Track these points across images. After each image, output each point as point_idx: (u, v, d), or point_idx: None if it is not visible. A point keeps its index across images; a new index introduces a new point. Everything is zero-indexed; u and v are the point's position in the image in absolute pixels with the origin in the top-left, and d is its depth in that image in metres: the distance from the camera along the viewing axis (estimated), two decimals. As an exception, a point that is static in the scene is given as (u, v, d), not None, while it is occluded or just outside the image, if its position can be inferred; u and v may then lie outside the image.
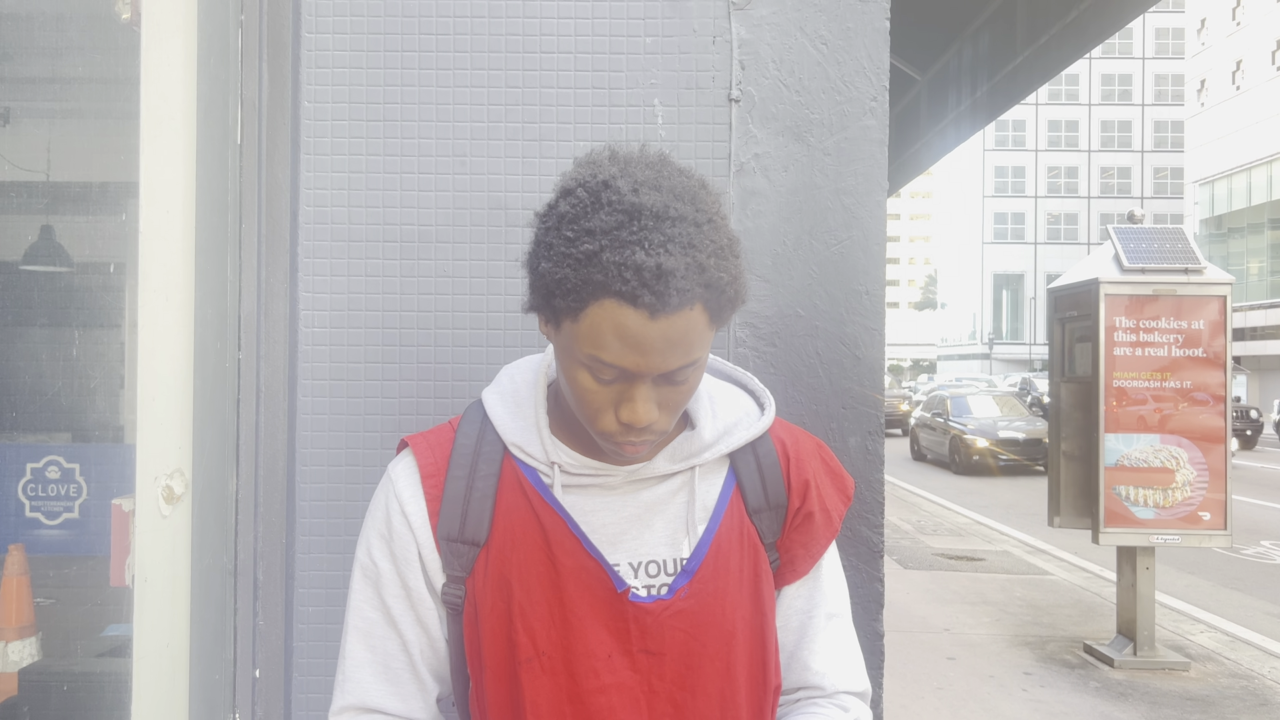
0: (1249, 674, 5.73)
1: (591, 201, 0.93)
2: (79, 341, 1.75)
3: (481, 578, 1.07)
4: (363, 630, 1.10)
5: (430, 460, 1.10)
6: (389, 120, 1.64)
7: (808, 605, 1.18)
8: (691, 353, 0.94)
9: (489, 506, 1.08)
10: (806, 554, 1.16)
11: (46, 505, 1.73)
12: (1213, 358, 5.89)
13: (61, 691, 1.72)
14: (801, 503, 1.14)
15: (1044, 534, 10.13)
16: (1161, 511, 5.83)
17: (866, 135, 1.66)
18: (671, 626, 1.05)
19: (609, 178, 0.94)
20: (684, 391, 0.99)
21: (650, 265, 0.88)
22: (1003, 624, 6.77)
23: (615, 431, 0.99)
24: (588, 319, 0.92)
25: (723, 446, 1.12)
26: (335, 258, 1.63)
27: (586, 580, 1.05)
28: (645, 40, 1.64)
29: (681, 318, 0.92)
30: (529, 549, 1.06)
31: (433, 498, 1.08)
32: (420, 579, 1.09)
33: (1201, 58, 40.49)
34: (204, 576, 1.56)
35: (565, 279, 0.92)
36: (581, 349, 0.95)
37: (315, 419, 1.63)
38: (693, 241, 0.91)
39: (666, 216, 0.91)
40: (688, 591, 1.06)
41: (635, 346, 0.92)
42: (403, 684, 1.10)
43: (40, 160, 1.80)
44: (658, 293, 0.89)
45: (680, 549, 1.09)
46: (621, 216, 0.91)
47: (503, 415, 1.11)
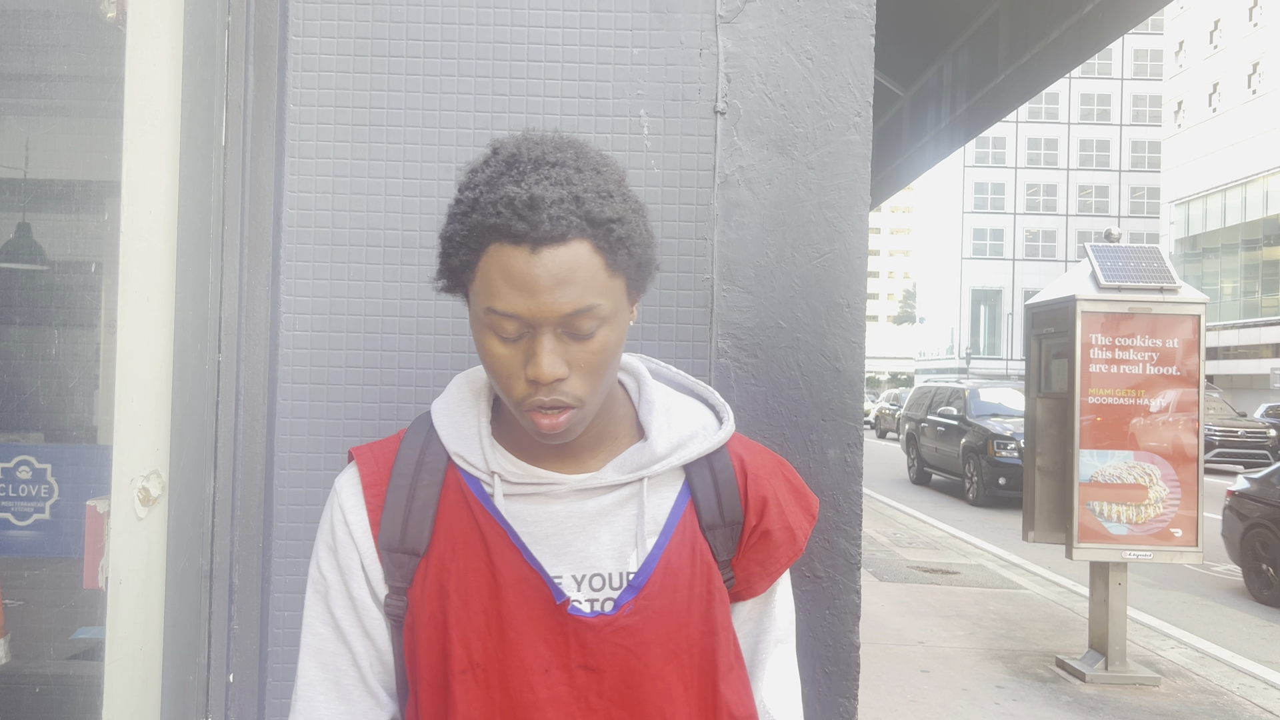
0: (1218, 690, 5.79)
1: (481, 165, 0.98)
2: (55, 341, 1.74)
3: (421, 588, 1.05)
4: (314, 647, 1.08)
5: (373, 470, 1.09)
6: (374, 125, 1.64)
7: (757, 628, 1.16)
8: (586, 296, 0.93)
9: (430, 516, 1.06)
10: (764, 573, 1.13)
11: (16, 506, 1.71)
12: (1186, 376, 5.95)
13: (33, 694, 1.70)
14: (759, 520, 1.11)
15: (1018, 548, 10.19)
16: (1134, 527, 5.88)
17: (850, 150, 1.67)
18: (613, 643, 1.02)
19: (498, 146, 0.99)
20: (593, 351, 0.96)
21: (522, 195, 0.91)
22: (976, 637, 6.80)
23: (526, 394, 0.96)
24: (480, 272, 0.94)
25: (676, 459, 1.09)
26: (318, 261, 1.63)
27: (526, 592, 1.02)
28: (632, 51, 1.65)
29: (566, 251, 0.92)
30: (469, 559, 1.04)
31: (374, 507, 1.07)
32: (365, 589, 1.07)
33: (1179, 79, 41.02)
34: (179, 579, 1.55)
35: (455, 233, 0.95)
36: (480, 306, 0.95)
37: (295, 423, 1.62)
38: (569, 179, 0.94)
39: (544, 161, 0.95)
40: (632, 608, 1.03)
41: (523, 286, 0.91)
42: (354, 701, 1.07)
43: (20, 157, 1.78)
44: (532, 221, 0.90)
45: (627, 563, 1.05)
46: (501, 166, 0.95)
47: (446, 424, 1.09)
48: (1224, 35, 37.92)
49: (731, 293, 1.66)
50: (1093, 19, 4.81)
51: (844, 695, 1.65)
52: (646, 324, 1.64)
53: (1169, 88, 42.20)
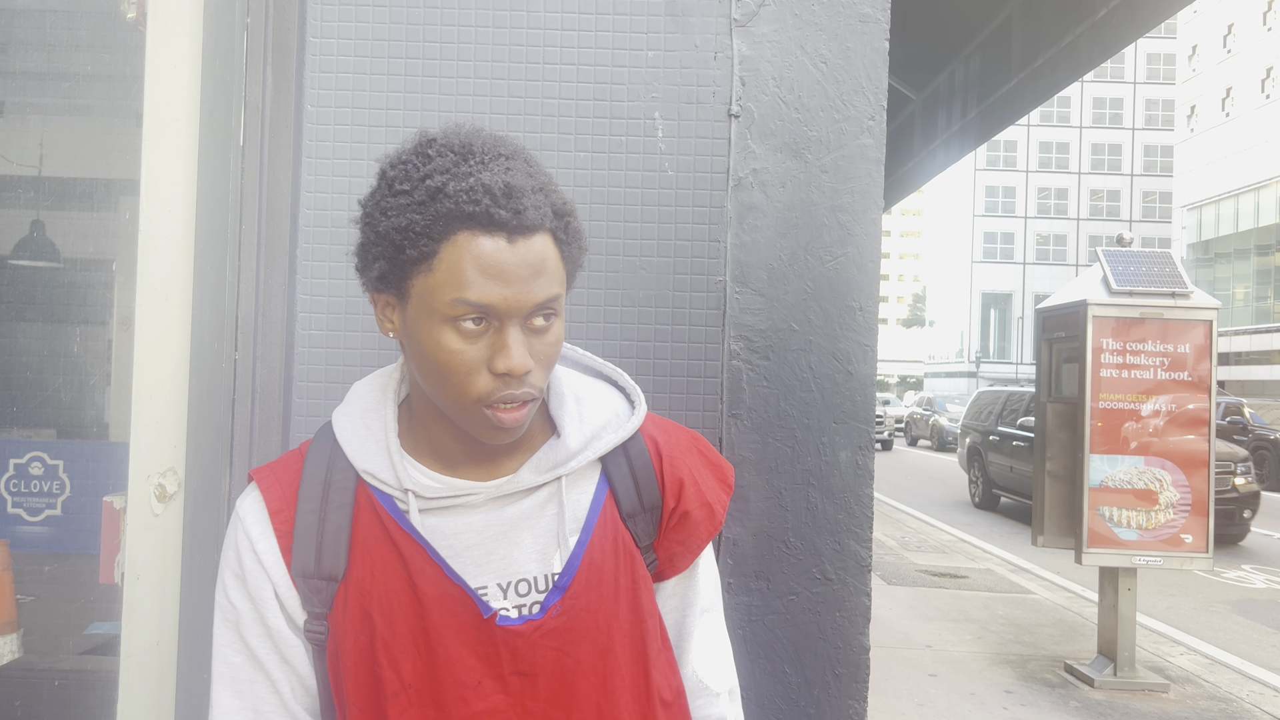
0: (1228, 697, 5.77)
1: (420, 157, 0.94)
2: (69, 339, 1.75)
3: (342, 613, 1.01)
4: (228, 676, 1.04)
5: (278, 495, 1.04)
6: (391, 126, 1.65)
7: (683, 602, 1.16)
8: (552, 286, 0.93)
9: (345, 539, 1.02)
10: (685, 551, 1.13)
11: (29, 501, 1.73)
12: (1198, 381, 5.93)
13: (50, 688, 1.72)
14: (677, 502, 1.10)
15: (1027, 553, 10.16)
16: (1144, 533, 5.86)
17: (863, 154, 1.68)
18: (543, 646, 1.02)
19: (431, 138, 0.96)
20: (551, 342, 0.96)
21: (498, 183, 0.89)
22: (984, 642, 6.79)
23: (491, 390, 0.94)
24: (444, 262, 0.91)
25: (590, 453, 1.07)
26: (334, 261, 1.64)
27: (451, 607, 1.00)
28: (647, 54, 1.66)
29: (537, 242, 0.92)
30: (389, 580, 1.01)
31: (283, 534, 1.02)
32: (280, 617, 1.03)
33: (1192, 84, 40.86)
34: (195, 576, 1.56)
35: (413, 224, 0.91)
36: (442, 298, 0.91)
37: (310, 421, 1.63)
38: (530, 171, 0.94)
39: (499, 153, 0.94)
40: (560, 609, 1.02)
41: (499, 275, 0.90)
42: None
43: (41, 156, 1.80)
44: (512, 209, 0.89)
45: (551, 564, 1.04)
46: (455, 156, 0.93)
47: (351, 440, 1.05)
48: (1237, 39, 37.76)
49: (744, 295, 1.66)
50: (1107, 23, 4.80)
51: (854, 698, 1.66)
52: (659, 325, 1.65)
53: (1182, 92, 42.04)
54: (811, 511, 1.65)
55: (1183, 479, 5.89)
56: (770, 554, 1.64)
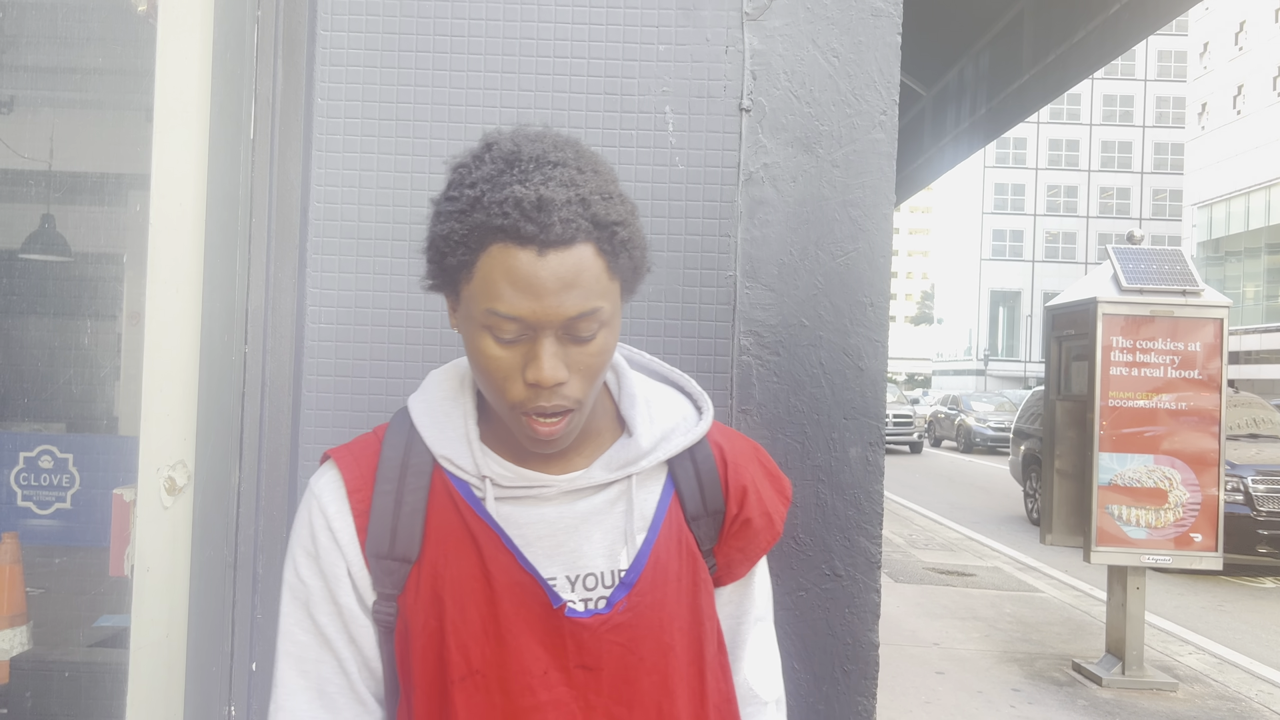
0: (1236, 696, 5.74)
1: (475, 161, 0.95)
2: (79, 332, 1.76)
3: (414, 595, 1.02)
4: (294, 655, 1.05)
5: (356, 474, 1.06)
6: (401, 120, 1.65)
7: (737, 610, 1.18)
8: (590, 299, 0.92)
9: (420, 522, 1.03)
10: (744, 558, 1.14)
11: (38, 495, 1.73)
12: (1208, 380, 5.91)
13: (60, 679, 1.72)
14: (739, 509, 1.12)
15: (1035, 551, 10.14)
16: (1153, 532, 5.84)
17: (875, 148, 1.67)
18: (609, 641, 1.03)
19: (493, 141, 0.96)
20: (592, 354, 0.96)
21: (530, 196, 0.89)
22: (992, 640, 6.77)
23: (525, 399, 0.95)
24: (480, 272, 0.92)
25: (660, 454, 1.08)
26: (344, 255, 1.64)
27: (521, 596, 1.01)
28: (658, 48, 1.66)
29: (572, 255, 0.91)
30: (463, 565, 1.02)
31: (360, 513, 1.04)
32: (351, 596, 1.04)
33: (1203, 81, 40.66)
34: (204, 568, 1.57)
35: (452, 232, 0.93)
36: (479, 308, 0.93)
37: (319, 414, 1.64)
38: (574, 180, 0.92)
39: (546, 161, 0.93)
40: (626, 605, 1.03)
41: (528, 289, 0.90)
42: (340, 710, 1.05)
43: (49, 150, 1.80)
44: (540, 223, 0.89)
45: (618, 561, 1.05)
46: (501, 164, 0.93)
47: (429, 426, 1.07)
48: (1249, 37, 37.56)
49: (754, 290, 1.66)
50: (1118, 20, 4.78)
51: (862, 694, 1.65)
52: (669, 320, 1.65)
53: (1193, 89, 41.84)
54: (821, 508, 1.65)
55: (1192, 478, 5.86)
56: (779, 550, 1.64)
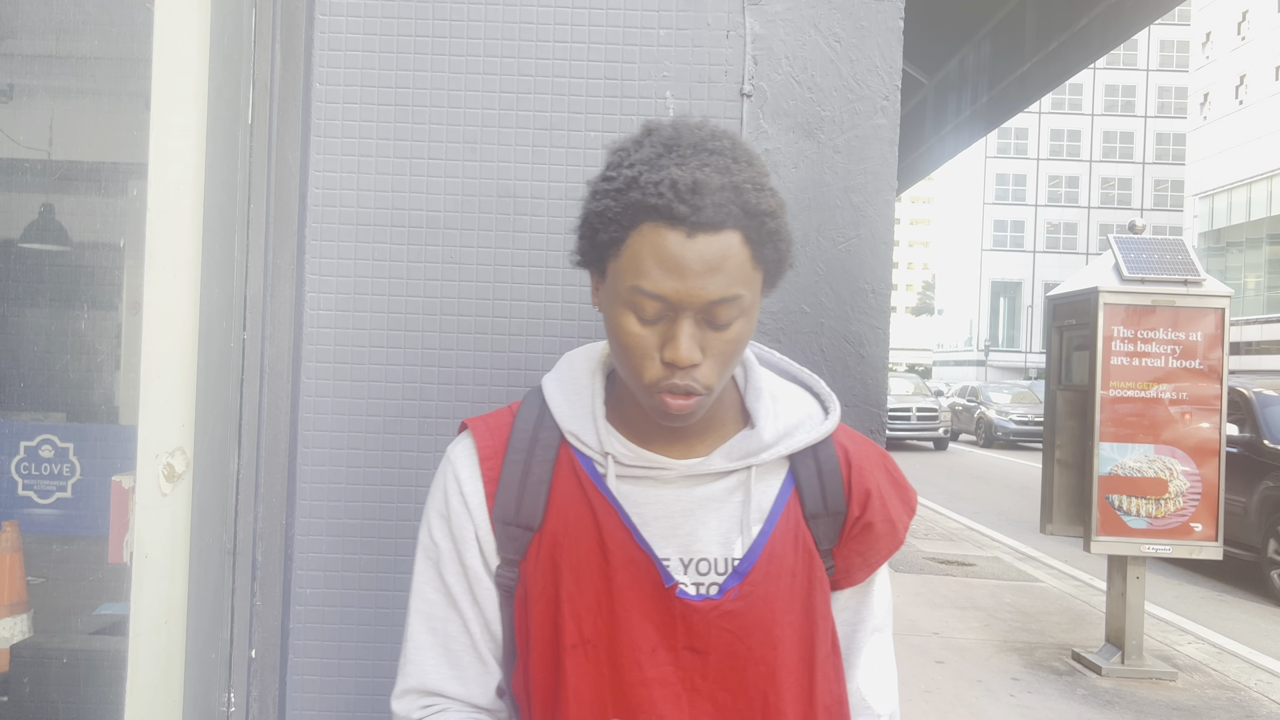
0: (1235, 685, 5.75)
1: (634, 144, 0.99)
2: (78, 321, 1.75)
3: (534, 562, 1.07)
4: (424, 612, 1.11)
5: (489, 443, 1.11)
6: (400, 105, 1.64)
7: (855, 617, 1.18)
8: (732, 285, 0.95)
9: (544, 492, 1.08)
10: (864, 563, 1.14)
11: (39, 484, 1.73)
12: (1209, 370, 5.90)
13: (57, 665, 1.72)
14: (861, 512, 1.12)
15: (1035, 541, 10.15)
16: (1154, 521, 5.84)
17: (877, 134, 1.66)
18: (718, 627, 1.04)
19: (654, 127, 1.01)
20: (728, 340, 0.98)
21: (686, 179, 0.92)
22: (992, 629, 6.78)
23: (660, 377, 0.97)
24: (629, 249, 0.95)
25: (782, 448, 1.10)
26: (343, 241, 1.63)
27: (635, 573, 1.04)
28: (659, 32, 1.64)
29: (720, 240, 0.93)
30: (581, 537, 1.06)
31: (490, 480, 1.09)
32: (478, 559, 1.09)
33: (1205, 71, 40.55)
34: (203, 555, 1.56)
35: (607, 209, 0.96)
36: (624, 284, 0.96)
37: (318, 401, 1.63)
38: (729, 168, 0.95)
39: (704, 148, 0.96)
40: (737, 593, 1.05)
41: (674, 269, 0.93)
42: (464, 666, 1.10)
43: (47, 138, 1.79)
44: (693, 205, 0.92)
45: (732, 549, 1.07)
46: (660, 148, 0.96)
47: (560, 402, 1.11)
48: (1252, 27, 37.43)
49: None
50: (1121, 8, 4.75)
51: (863, 681, 1.65)
52: (670, 307, 1.64)
53: (1195, 79, 41.73)
54: (822, 495, 1.64)
55: (1193, 468, 5.86)
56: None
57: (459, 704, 1.10)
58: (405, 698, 1.10)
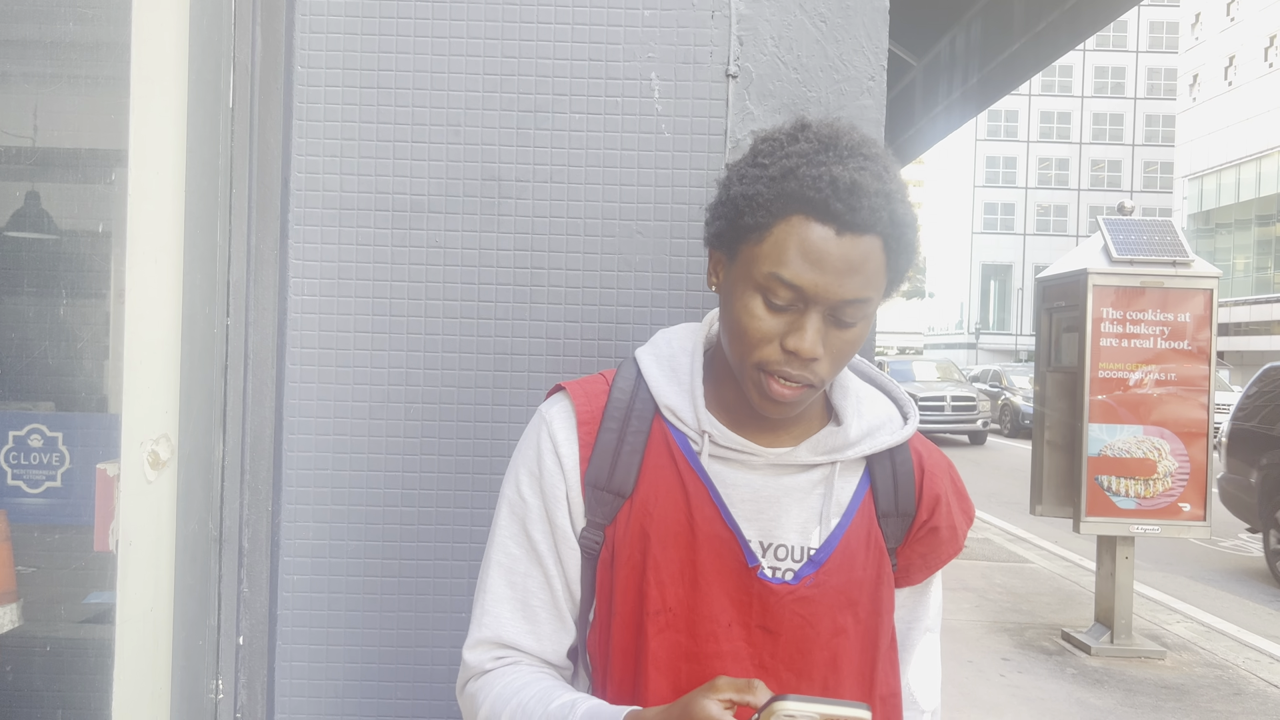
0: (1223, 664, 5.80)
1: (789, 137, 1.01)
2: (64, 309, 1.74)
3: (623, 528, 1.09)
4: (505, 565, 1.13)
5: (586, 408, 1.13)
6: (383, 87, 1.62)
7: (910, 615, 1.23)
8: (866, 288, 0.97)
9: (637, 461, 1.10)
10: (924, 565, 1.19)
11: (28, 474, 1.72)
12: (1197, 351, 5.92)
13: (44, 654, 1.72)
14: (930, 516, 1.16)
15: (1025, 522, 10.20)
16: (1143, 502, 5.87)
17: (863, 115, 1.65)
18: (791, 610, 1.08)
19: (807, 123, 1.03)
20: (848, 340, 1.01)
21: (845, 178, 0.95)
22: (982, 610, 6.82)
23: (775, 360, 1.00)
24: (773, 236, 0.97)
25: (865, 447, 1.13)
26: (326, 225, 1.62)
27: (719, 549, 1.07)
28: (643, 13, 1.63)
29: (864, 242, 0.96)
30: (670, 509, 1.08)
31: (585, 444, 1.11)
32: (566, 518, 1.11)
33: (1195, 52, 40.54)
34: (189, 543, 1.56)
35: (758, 194, 0.98)
36: (761, 269, 0.98)
37: (303, 387, 1.62)
38: (882, 175, 0.97)
39: (860, 152, 0.99)
40: (812, 581, 1.09)
41: (817, 263, 0.95)
42: (540, 623, 1.12)
43: (28, 124, 1.77)
44: (850, 205, 0.94)
45: (810, 539, 1.11)
46: (818, 144, 0.99)
47: (659, 378, 1.13)
48: (1241, 8, 37.42)
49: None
50: (1110, -13, 4.74)
51: (851, 662, 1.66)
52: (657, 290, 1.63)
53: (1184, 61, 41.72)
54: (809, 477, 1.64)
55: (1181, 448, 5.89)
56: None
57: (531, 658, 1.12)
58: (479, 648, 1.12)
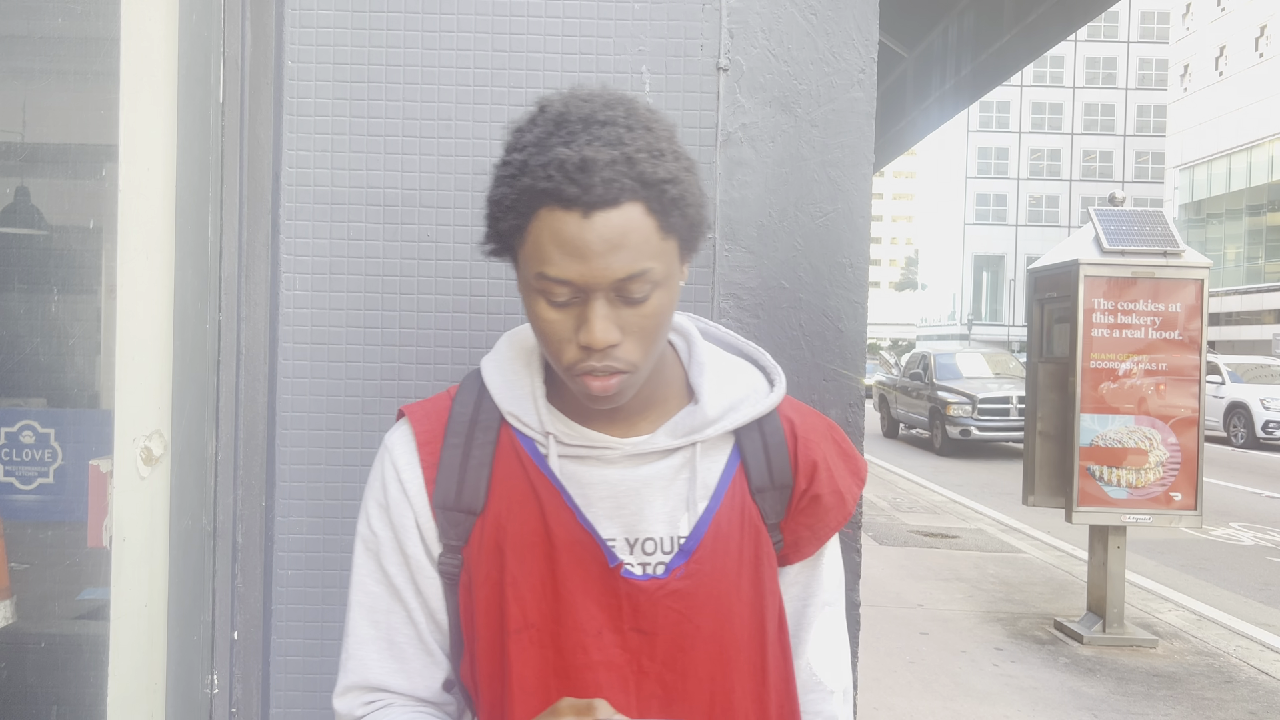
0: (1215, 652, 5.84)
1: (525, 126, 0.95)
2: (55, 306, 1.73)
3: (477, 547, 1.04)
4: (366, 605, 1.07)
5: (426, 428, 1.08)
6: (373, 82, 1.62)
7: (804, 591, 1.16)
8: (639, 260, 0.91)
9: (485, 475, 1.05)
10: (812, 536, 1.12)
11: (20, 470, 1.72)
12: (1188, 341, 5.94)
13: (39, 650, 1.72)
14: (809, 484, 1.10)
15: (1018, 513, 10.23)
16: (1134, 491, 5.90)
17: (854, 107, 1.65)
18: (665, 606, 1.02)
19: (546, 104, 0.95)
20: (646, 315, 0.95)
21: (573, 158, 0.88)
22: (975, 600, 6.85)
23: (578, 360, 0.95)
24: (531, 236, 0.92)
25: (727, 423, 1.08)
26: (317, 220, 1.62)
27: (580, 554, 1.02)
28: (634, 6, 1.63)
29: (618, 215, 0.90)
30: (524, 519, 1.03)
31: (429, 465, 1.06)
32: (419, 547, 1.06)
33: (1186, 43, 40.60)
34: (183, 538, 1.56)
35: (504, 197, 0.93)
36: (531, 272, 0.93)
37: (296, 382, 1.62)
38: (620, 139, 0.90)
39: (594, 120, 0.91)
40: (684, 572, 1.03)
41: (575, 252, 0.90)
42: (408, 660, 1.07)
43: (17, 119, 1.76)
44: (582, 184, 0.88)
45: (679, 528, 1.05)
46: (550, 126, 0.92)
47: (498, 383, 1.08)
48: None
49: (734, 253, 1.65)
50: (1100, -22, 4.74)
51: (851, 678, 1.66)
52: (648, 283, 1.64)
53: (1175, 51, 41.77)
54: (802, 469, 1.65)
55: (1172, 438, 5.92)
56: (761, 512, 1.64)
57: (404, 698, 1.08)
58: (348, 695, 1.07)
